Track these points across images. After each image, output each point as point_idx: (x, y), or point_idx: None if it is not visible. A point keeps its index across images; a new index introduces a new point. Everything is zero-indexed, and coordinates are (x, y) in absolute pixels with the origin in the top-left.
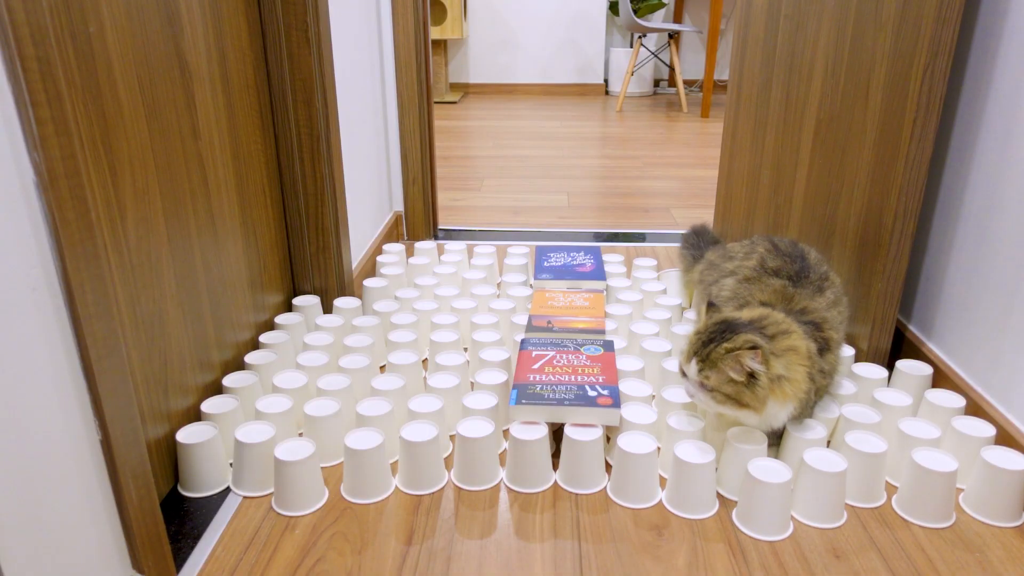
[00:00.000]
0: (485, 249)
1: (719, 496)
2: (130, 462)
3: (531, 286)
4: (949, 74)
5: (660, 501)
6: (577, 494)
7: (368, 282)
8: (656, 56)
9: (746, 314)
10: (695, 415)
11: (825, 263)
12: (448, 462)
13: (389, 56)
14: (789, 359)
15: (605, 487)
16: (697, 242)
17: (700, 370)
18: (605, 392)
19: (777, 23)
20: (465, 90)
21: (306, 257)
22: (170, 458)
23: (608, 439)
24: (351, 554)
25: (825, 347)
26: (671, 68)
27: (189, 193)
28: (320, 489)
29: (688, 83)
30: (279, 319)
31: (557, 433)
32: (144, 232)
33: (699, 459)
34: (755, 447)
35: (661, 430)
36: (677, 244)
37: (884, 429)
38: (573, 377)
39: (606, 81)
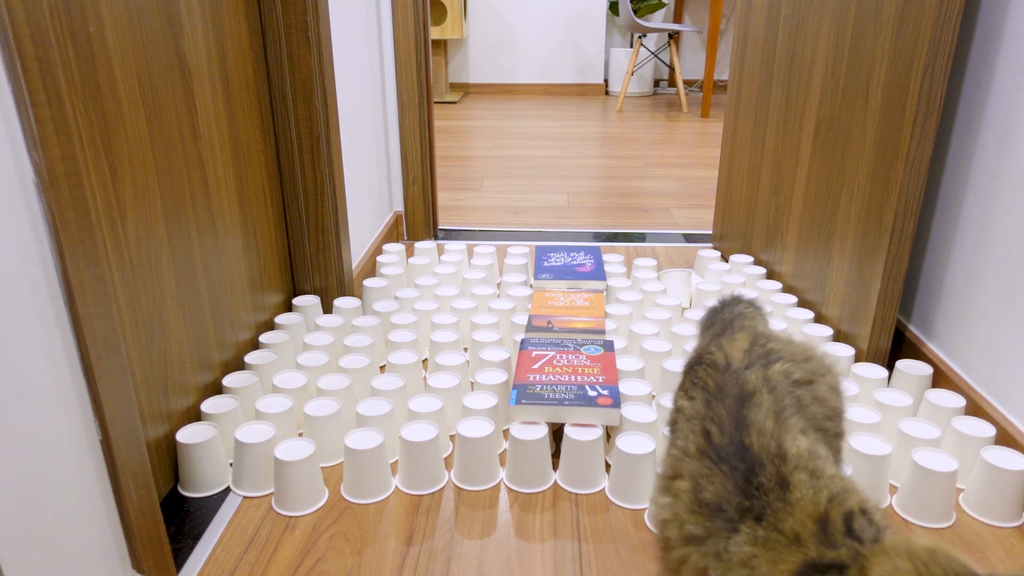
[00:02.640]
0: (485, 249)
1: None
2: (130, 462)
3: (531, 286)
4: (949, 74)
5: None
6: (577, 494)
7: (368, 282)
8: (656, 56)
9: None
10: None
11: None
12: (448, 462)
13: (389, 56)
14: None
15: (605, 487)
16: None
17: None
18: (605, 392)
19: (777, 23)
20: (465, 90)
21: (306, 257)
22: (170, 458)
23: (608, 439)
24: (351, 554)
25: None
26: (671, 68)
27: (189, 193)
28: (320, 489)
29: (688, 83)
30: (279, 319)
31: (557, 433)
32: (144, 232)
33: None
34: None
35: (659, 437)
36: (677, 244)
37: (884, 429)
38: (573, 377)
39: (606, 81)
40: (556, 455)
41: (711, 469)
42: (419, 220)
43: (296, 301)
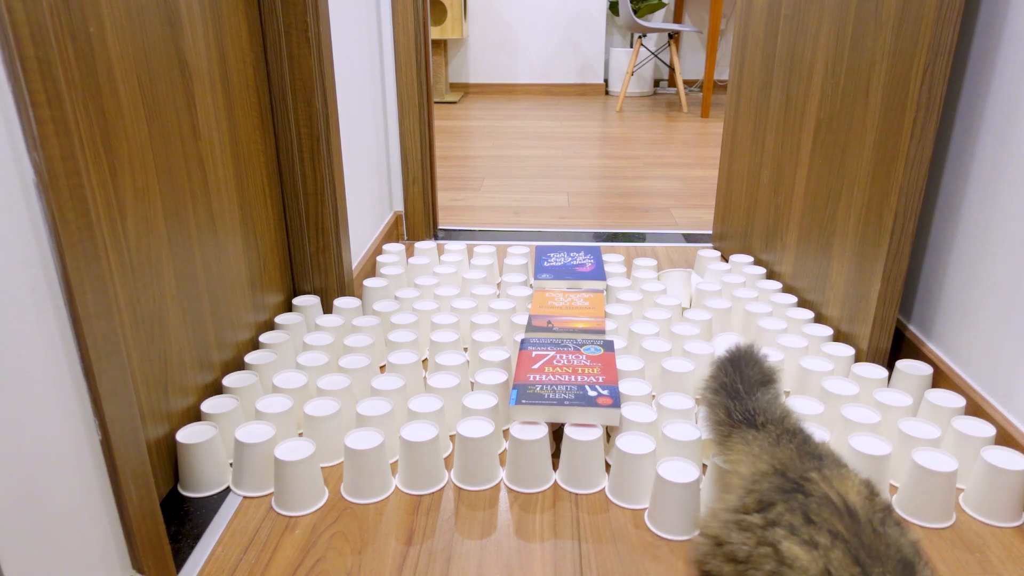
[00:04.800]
0: (485, 249)
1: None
2: (130, 462)
3: (531, 286)
4: (949, 74)
5: None
6: (577, 494)
7: (368, 282)
8: (656, 56)
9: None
10: (691, 424)
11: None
12: (448, 462)
13: (389, 56)
14: None
15: (605, 487)
16: (732, 388)
17: None
18: (605, 392)
19: (777, 23)
20: (465, 90)
21: (306, 257)
22: (170, 458)
23: (608, 439)
24: (351, 554)
25: None
26: (671, 68)
27: (189, 193)
28: (320, 489)
29: (688, 83)
30: (279, 319)
31: (557, 433)
32: (144, 232)
33: (682, 479)
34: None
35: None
36: (677, 244)
37: (884, 429)
38: (573, 377)
39: (606, 81)
40: (556, 455)
41: None
42: (419, 220)
43: (296, 301)
